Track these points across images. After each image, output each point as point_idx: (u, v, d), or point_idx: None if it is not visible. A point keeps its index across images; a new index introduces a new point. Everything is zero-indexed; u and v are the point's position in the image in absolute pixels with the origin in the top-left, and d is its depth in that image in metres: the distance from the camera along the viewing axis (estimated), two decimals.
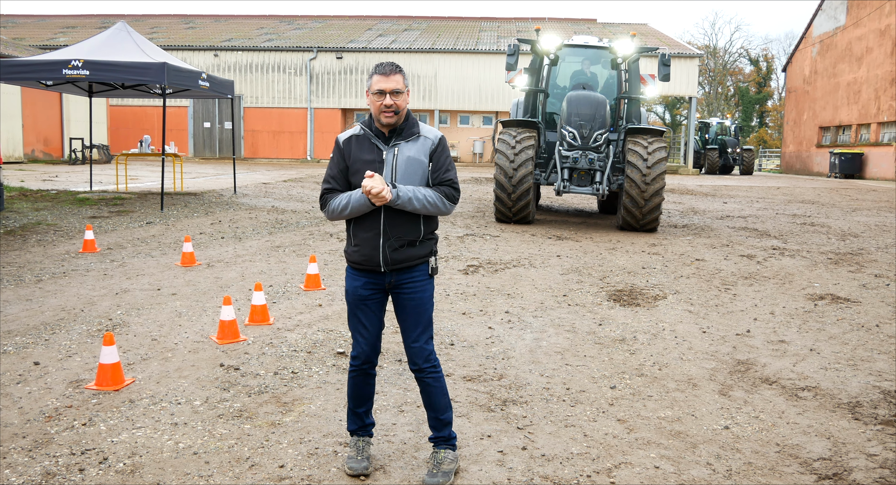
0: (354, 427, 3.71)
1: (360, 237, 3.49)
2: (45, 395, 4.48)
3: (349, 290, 3.58)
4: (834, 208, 17.12)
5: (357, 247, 3.51)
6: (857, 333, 6.34)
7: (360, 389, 3.66)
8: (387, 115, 3.43)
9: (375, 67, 3.48)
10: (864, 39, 35.20)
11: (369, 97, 3.47)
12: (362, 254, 3.49)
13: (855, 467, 3.79)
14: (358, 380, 3.65)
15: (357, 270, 3.56)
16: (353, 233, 3.53)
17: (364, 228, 3.48)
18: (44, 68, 12.53)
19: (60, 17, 47.55)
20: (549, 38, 12.94)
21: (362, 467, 3.57)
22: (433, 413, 3.64)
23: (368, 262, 3.49)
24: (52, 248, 9.39)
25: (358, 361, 3.62)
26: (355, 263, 3.53)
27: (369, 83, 3.47)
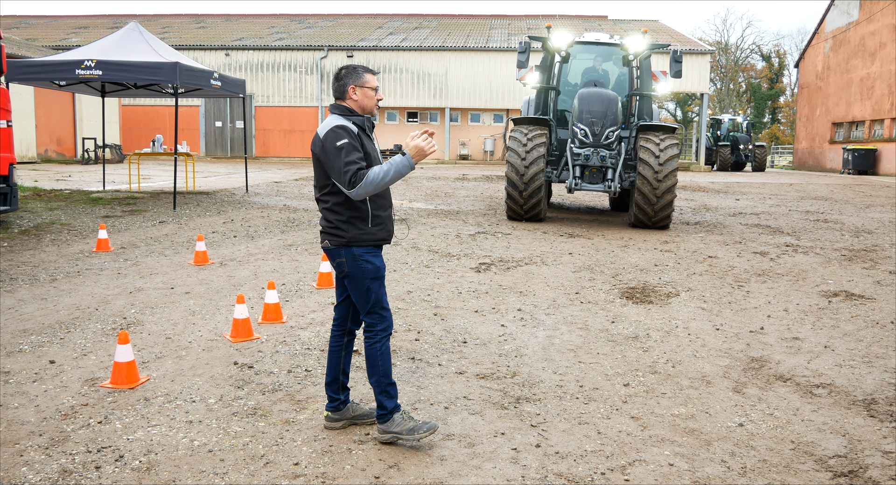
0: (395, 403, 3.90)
1: (381, 216, 3.86)
2: (60, 393, 4.52)
3: (379, 266, 3.86)
4: (847, 205, 17.01)
5: (381, 225, 3.86)
6: (872, 329, 6.30)
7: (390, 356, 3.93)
8: (377, 108, 3.92)
9: (362, 68, 3.88)
10: (878, 35, 34.92)
11: (360, 92, 3.84)
12: (387, 230, 3.91)
13: (870, 464, 3.77)
14: (388, 346, 3.92)
15: (377, 248, 3.89)
16: (374, 214, 3.82)
17: (383, 207, 3.88)
18: (57, 69, 12.61)
19: (73, 17, 47.82)
20: (560, 36, 12.91)
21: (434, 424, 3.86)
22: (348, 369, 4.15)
23: (389, 236, 3.93)
24: (66, 247, 9.46)
25: (389, 329, 3.92)
26: (380, 240, 3.87)
27: (359, 81, 3.84)
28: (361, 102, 3.84)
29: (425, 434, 3.80)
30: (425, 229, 11.42)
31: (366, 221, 3.79)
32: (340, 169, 3.64)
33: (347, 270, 3.83)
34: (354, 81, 3.82)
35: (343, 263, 3.83)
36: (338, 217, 3.79)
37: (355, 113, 3.84)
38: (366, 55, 36.41)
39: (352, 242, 3.78)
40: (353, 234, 3.78)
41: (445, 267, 8.60)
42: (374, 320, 3.87)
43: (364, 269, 3.81)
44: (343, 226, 3.78)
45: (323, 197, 3.84)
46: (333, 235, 3.82)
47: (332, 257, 3.86)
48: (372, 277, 3.83)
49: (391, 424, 3.85)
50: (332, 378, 4.06)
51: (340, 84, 3.84)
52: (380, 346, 3.85)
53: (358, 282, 3.83)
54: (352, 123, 3.78)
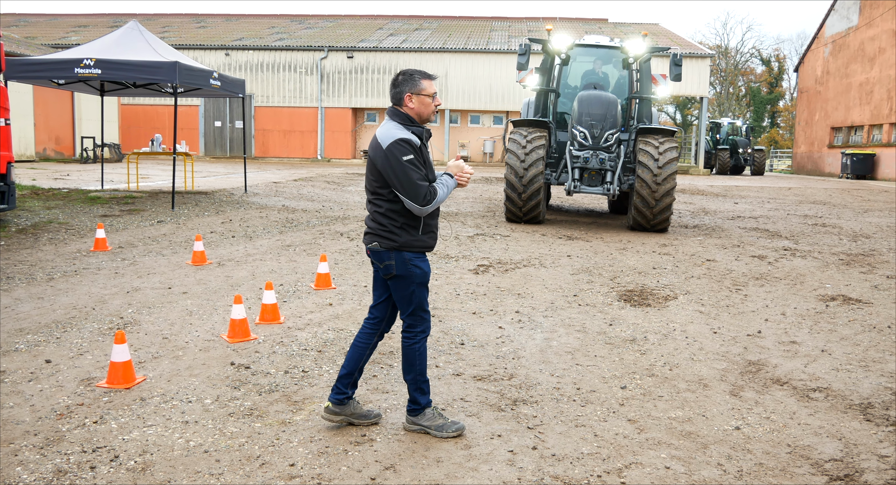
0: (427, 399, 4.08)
1: (431, 225, 4.01)
2: (56, 393, 4.51)
3: (427, 272, 4.00)
4: (845, 209, 17.02)
5: (430, 233, 4.01)
6: (869, 334, 6.30)
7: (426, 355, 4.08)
8: (434, 115, 3.98)
9: (419, 74, 3.91)
10: (877, 40, 34.97)
11: (416, 100, 3.89)
12: (435, 238, 4.06)
13: (866, 468, 3.77)
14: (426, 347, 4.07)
15: (424, 255, 4.02)
16: (426, 223, 3.97)
17: (433, 216, 4.03)
18: (56, 67, 12.60)
19: (72, 16, 47.80)
20: (560, 38, 12.91)
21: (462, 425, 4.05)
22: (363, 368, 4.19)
23: (435, 242, 4.09)
24: (63, 246, 9.45)
25: (428, 331, 4.08)
26: (429, 247, 4.02)
27: (415, 89, 3.87)
28: (418, 110, 3.90)
29: (453, 434, 3.99)
30: None
31: (417, 229, 3.93)
32: (414, 187, 3.77)
33: (396, 273, 3.93)
34: (410, 89, 3.87)
35: (392, 265, 3.92)
36: (392, 222, 3.90)
37: (413, 121, 3.92)
38: (366, 56, 36.42)
39: (403, 246, 3.91)
40: (405, 239, 3.90)
41: (444, 269, 8.59)
42: (414, 322, 4.02)
43: (413, 273, 3.94)
44: (396, 231, 3.89)
45: (377, 201, 3.93)
46: (385, 238, 3.91)
47: (381, 259, 3.95)
48: (419, 282, 3.97)
49: (422, 417, 4.04)
50: (347, 372, 4.10)
51: (397, 91, 3.90)
52: (418, 346, 4.02)
53: (405, 285, 3.95)
54: (414, 136, 3.87)
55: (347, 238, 10.54)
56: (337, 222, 12.14)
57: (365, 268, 8.51)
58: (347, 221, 12.26)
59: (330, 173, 24.56)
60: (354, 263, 8.80)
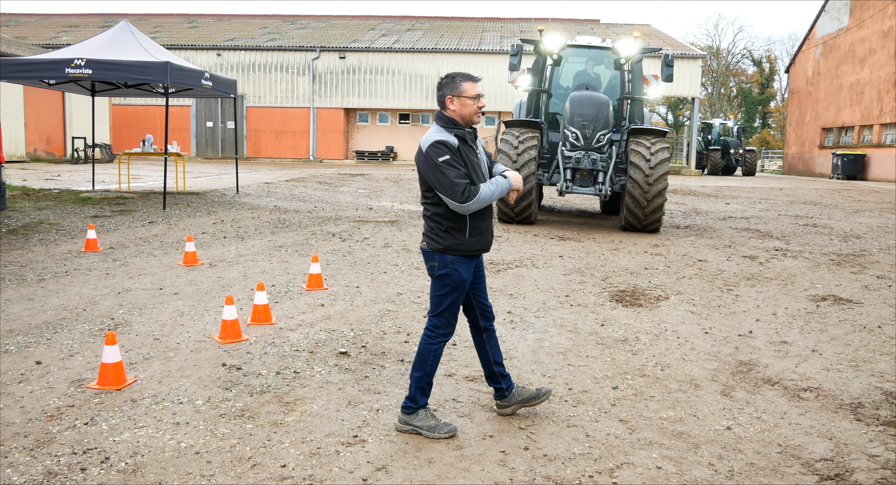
0: (425, 401, 4.10)
1: (480, 227, 4.01)
2: (46, 394, 4.49)
3: (465, 279, 4.02)
4: (836, 210, 17.10)
5: (478, 236, 4.01)
6: (859, 334, 6.33)
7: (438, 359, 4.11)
8: (478, 116, 3.99)
9: (461, 76, 3.94)
10: (868, 41, 35.15)
11: (457, 102, 3.93)
12: (484, 240, 4.06)
13: (857, 467, 3.78)
14: (442, 351, 4.10)
15: (471, 258, 4.04)
16: (472, 226, 3.98)
17: (482, 218, 4.02)
18: (46, 67, 12.54)
19: (63, 16, 47.60)
20: (552, 39, 12.93)
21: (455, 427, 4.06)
22: (500, 359, 4.31)
23: (486, 246, 4.08)
24: (54, 247, 9.40)
25: (449, 337, 4.09)
26: (476, 250, 4.02)
27: (456, 91, 3.91)
28: (460, 112, 3.94)
29: (445, 435, 3.99)
30: (416, 231, 11.42)
31: (463, 232, 3.96)
32: (451, 185, 3.82)
33: (436, 274, 4.02)
34: (451, 91, 3.94)
35: (434, 266, 4.02)
36: (438, 226, 3.98)
37: (457, 123, 3.97)
38: (358, 56, 36.38)
39: (447, 249, 3.97)
40: (449, 243, 3.96)
41: None
42: (439, 323, 4.06)
43: (451, 275, 3.99)
44: (441, 234, 3.97)
45: (424, 204, 4.05)
46: (432, 239, 4.01)
47: (427, 259, 4.07)
48: (453, 286, 4.00)
49: (415, 417, 4.05)
50: (487, 372, 4.33)
51: (440, 94, 3.98)
52: (435, 347, 4.06)
53: (440, 286, 4.02)
54: (453, 136, 3.91)
55: (339, 239, 10.52)
56: (329, 223, 12.12)
57: (357, 269, 8.50)
58: (339, 222, 12.25)
59: (322, 174, 24.53)
60: (346, 263, 8.79)
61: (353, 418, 4.23)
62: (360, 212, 13.88)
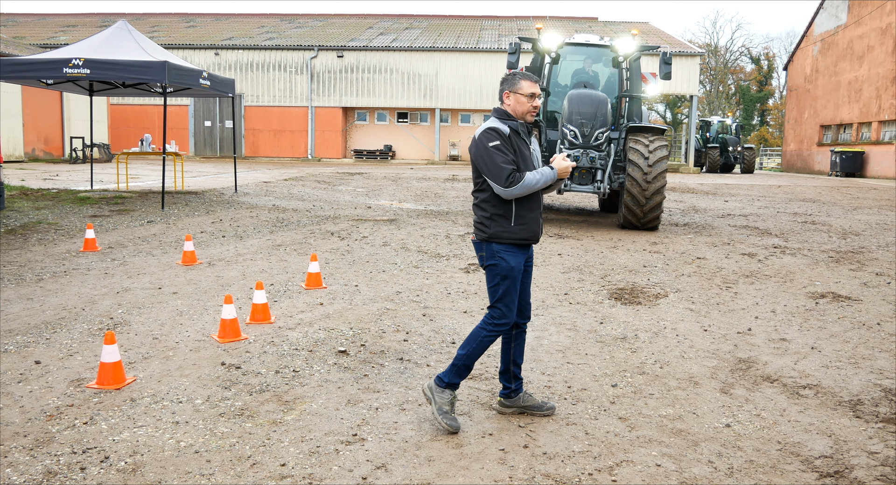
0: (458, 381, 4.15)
1: (526, 217, 4.04)
2: (46, 394, 4.48)
3: (514, 267, 4.04)
4: (835, 207, 17.11)
5: (524, 225, 4.04)
6: (859, 331, 6.34)
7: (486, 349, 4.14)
8: (532, 115, 4.09)
9: (518, 74, 4.05)
10: (866, 38, 35.15)
11: (513, 98, 4.05)
12: (531, 230, 4.07)
13: (856, 464, 3.79)
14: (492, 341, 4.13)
15: (518, 247, 4.07)
16: (518, 214, 4.02)
17: (530, 208, 4.05)
18: (44, 67, 12.53)
19: (61, 15, 47.55)
20: (550, 37, 12.92)
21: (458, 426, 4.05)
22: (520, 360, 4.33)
23: (533, 237, 4.09)
24: (52, 247, 9.40)
25: (505, 327, 4.11)
26: (522, 239, 4.04)
27: (513, 87, 4.04)
28: (514, 107, 4.07)
29: (445, 426, 4.00)
30: (415, 230, 11.42)
31: (509, 220, 4.01)
32: (497, 168, 3.92)
33: (485, 264, 4.09)
34: (509, 87, 4.07)
35: (483, 256, 4.10)
36: (483, 214, 4.07)
37: (510, 116, 4.08)
38: (356, 55, 36.37)
39: (492, 238, 4.03)
40: (494, 230, 4.02)
41: (434, 268, 8.59)
42: (496, 313, 4.09)
43: (499, 265, 4.04)
44: (487, 222, 4.05)
45: (474, 193, 4.14)
46: (479, 229, 4.10)
47: (476, 250, 4.15)
48: (503, 275, 4.03)
49: (440, 393, 4.10)
50: (503, 367, 4.34)
51: (500, 89, 4.12)
52: (486, 334, 4.09)
53: (491, 276, 4.09)
54: (506, 126, 4.02)
55: (338, 237, 10.52)
56: (327, 222, 12.12)
57: (355, 267, 8.50)
58: (338, 221, 12.24)
59: (320, 173, 24.52)
60: (345, 262, 8.79)
61: (352, 416, 4.23)
62: (359, 211, 13.87)
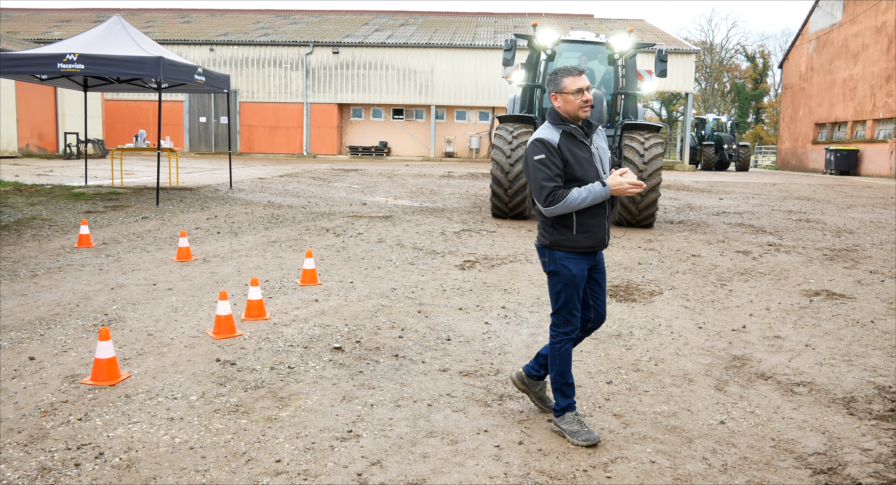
0: (569, 402, 4.04)
1: (589, 224, 3.89)
2: (40, 390, 4.47)
3: (577, 275, 3.94)
4: (829, 205, 17.15)
5: (587, 233, 3.89)
6: (852, 328, 6.36)
7: (568, 357, 4.04)
8: (585, 111, 3.85)
9: (562, 72, 3.87)
10: (861, 36, 35.23)
11: (560, 99, 3.87)
12: (597, 237, 3.92)
13: (850, 461, 3.80)
14: (569, 351, 4.04)
15: (583, 255, 3.94)
16: (580, 222, 3.88)
17: (593, 214, 3.89)
18: (38, 62, 12.48)
19: (55, 10, 47.35)
20: (545, 34, 12.91)
21: (594, 437, 3.91)
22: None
23: (599, 244, 3.95)
24: (47, 243, 9.37)
25: (574, 333, 4.03)
26: (585, 248, 3.92)
27: (557, 88, 3.87)
28: (564, 108, 3.89)
29: (583, 442, 3.89)
30: (410, 227, 11.41)
31: (570, 228, 3.88)
32: (538, 186, 3.82)
33: (548, 270, 4.01)
34: (553, 89, 3.91)
35: (545, 262, 4.02)
36: (545, 221, 3.97)
37: (564, 119, 3.91)
38: (351, 52, 36.31)
39: (554, 245, 3.94)
40: (555, 238, 3.92)
41: (430, 264, 8.59)
42: (558, 321, 4.03)
43: (560, 272, 3.95)
44: (548, 230, 3.95)
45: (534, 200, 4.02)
46: (541, 235, 4.03)
47: (539, 255, 4.07)
48: (565, 283, 3.95)
49: (562, 420, 4.02)
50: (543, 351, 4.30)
51: (547, 91, 4.03)
52: (559, 347, 4.01)
53: (553, 282, 4.01)
54: (557, 134, 3.86)
55: (333, 234, 10.51)
56: (323, 218, 12.10)
57: (351, 264, 8.50)
58: (333, 217, 12.23)
59: (316, 169, 24.49)
60: (340, 259, 8.78)
61: (347, 413, 4.23)
62: (354, 207, 13.86)
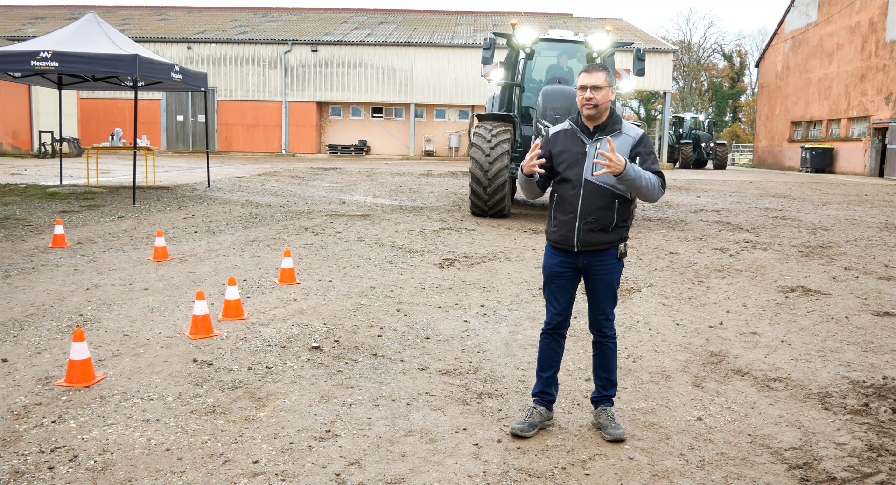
0: (536, 391, 4.15)
1: (559, 219, 3.94)
2: (13, 392, 4.41)
3: (545, 265, 4.05)
4: (805, 202, 17.33)
5: (556, 228, 3.95)
6: (827, 324, 6.43)
7: (545, 351, 4.13)
8: (587, 108, 3.83)
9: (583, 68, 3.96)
10: (835, 36, 35.63)
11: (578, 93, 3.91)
12: (560, 234, 3.93)
13: (825, 455, 3.84)
14: (544, 343, 4.13)
15: (554, 249, 4.01)
16: (553, 215, 3.98)
17: (563, 211, 3.92)
18: (11, 60, 12.30)
19: (29, 7, 46.72)
20: (524, 33, 12.94)
21: (519, 428, 3.95)
22: (606, 374, 4.12)
23: (564, 242, 3.93)
24: (20, 243, 9.25)
25: (548, 326, 4.10)
26: (553, 242, 3.99)
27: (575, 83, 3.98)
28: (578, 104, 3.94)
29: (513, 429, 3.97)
30: (389, 225, 11.39)
31: (549, 221, 4.05)
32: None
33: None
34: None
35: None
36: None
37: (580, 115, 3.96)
38: (330, 50, 36.17)
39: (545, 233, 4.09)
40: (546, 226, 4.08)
41: (409, 263, 8.58)
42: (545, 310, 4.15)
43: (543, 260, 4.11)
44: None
45: None
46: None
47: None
48: (543, 272, 4.08)
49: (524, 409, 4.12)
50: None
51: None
52: (541, 337, 4.16)
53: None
54: (567, 125, 3.99)
55: (312, 233, 10.46)
56: (301, 217, 12.05)
57: (329, 263, 8.46)
58: (312, 216, 12.17)
59: (294, 168, 24.37)
60: (319, 258, 8.74)
61: (325, 412, 4.21)
62: (333, 206, 13.81)
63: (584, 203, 3.85)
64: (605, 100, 3.83)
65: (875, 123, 31.72)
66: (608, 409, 4.08)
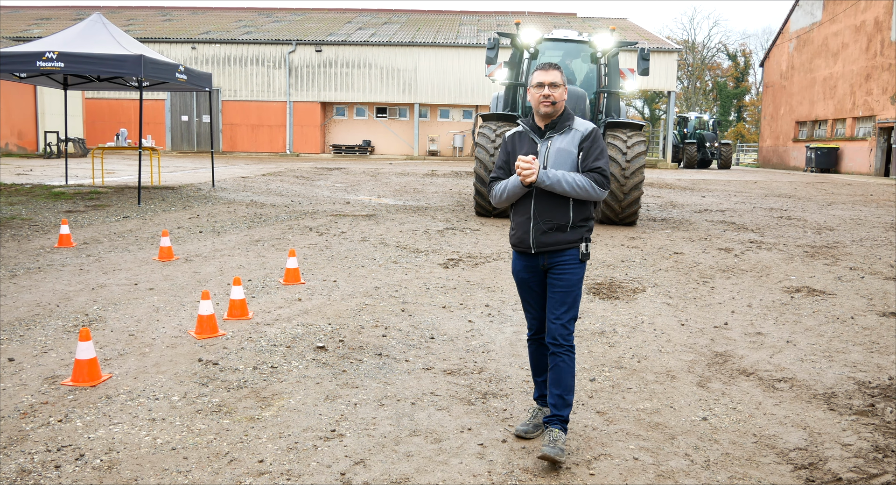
0: (536, 395, 4.13)
1: (516, 221, 3.89)
2: (20, 391, 4.43)
3: (513, 271, 4.01)
4: (810, 202, 17.30)
5: (514, 230, 3.91)
6: (833, 325, 6.41)
7: (534, 357, 4.10)
8: (545, 105, 3.78)
9: (538, 65, 3.86)
10: (840, 35, 35.54)
11: (529, 92, 3.87)
12: (517, 237, 3.88)
13: (830, 456, 3.83)
14: (531, 349, 4.11)
15: (516, 253, 3.96)
16: (512, 217, 3.93)
17: (519, 213, 3.87)
18: (17, 60, 12.33)
19: (34, 8, 46.83)
20: (528, 32, 12.93)
21: (523, 430, 3.97)
22: (558, 391, 3.79)
23: (521, 244, 3.87)
24: (26, 243, 9.27)
25: (530, 333, 4.09)
26: (513, 245, 3.95)
27: (530, 79, 3.84)
28: (531, 101, 3.86)
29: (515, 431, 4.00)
30: (393, 225, 11.39)
31: (511, 223, 3.97)
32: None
33: None
34: (529, 83, 3.92)
35: None
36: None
37: (531, 113, 3.93)
38: (335, 50, 36.19)
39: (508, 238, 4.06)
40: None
41: (413, 263, 8.58)
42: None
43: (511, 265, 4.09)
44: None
45: None
46: None
47: None
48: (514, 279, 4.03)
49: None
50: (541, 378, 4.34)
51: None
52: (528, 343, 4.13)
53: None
54: (520, 126, 3.95)
55: (316, 233, 10.48)
56: (306, 217, 12.06)
57: (334, 263, 8.47)
58: (316, 216, 12.19)
59: (299, 168, 24.39)
60: (323, 258, 8.76)
61: (330, 412, 4.22)
62: (338, 206, 13.82)
63: (536, 204, 3.77)
64: (562, 98, 3.80)
65: (880, 122, 31.64)
66: (554, 430, 3.70)
